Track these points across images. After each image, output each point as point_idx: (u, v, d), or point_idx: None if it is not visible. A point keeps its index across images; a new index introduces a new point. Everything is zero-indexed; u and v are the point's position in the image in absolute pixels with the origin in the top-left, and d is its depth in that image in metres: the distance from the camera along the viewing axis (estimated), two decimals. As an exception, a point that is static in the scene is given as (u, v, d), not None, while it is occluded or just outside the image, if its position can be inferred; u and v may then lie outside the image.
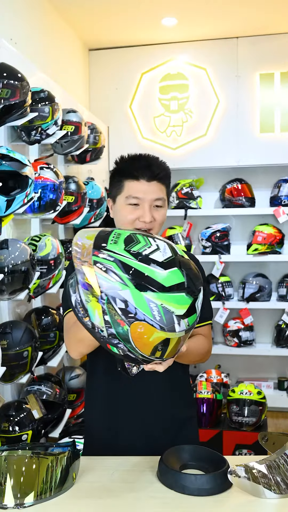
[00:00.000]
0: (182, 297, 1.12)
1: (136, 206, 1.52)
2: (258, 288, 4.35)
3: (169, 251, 1.16)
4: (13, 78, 2.28)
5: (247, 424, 3.26)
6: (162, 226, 1.60)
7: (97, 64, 4.62)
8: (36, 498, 1.25)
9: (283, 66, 4.32)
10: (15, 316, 2.67)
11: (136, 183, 1.53)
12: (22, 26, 3.21)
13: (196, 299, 1.14)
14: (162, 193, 1.55)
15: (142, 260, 1.12)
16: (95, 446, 1.62)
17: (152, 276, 1.10)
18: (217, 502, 1.25)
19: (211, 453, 1.42)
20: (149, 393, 1.57)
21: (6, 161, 2.15)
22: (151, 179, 1.52)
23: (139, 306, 1.08)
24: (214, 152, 4.44)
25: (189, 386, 1.78)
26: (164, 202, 1.57)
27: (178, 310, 1.12)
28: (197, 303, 1.16)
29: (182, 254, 1.19)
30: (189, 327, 1.15)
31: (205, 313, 1.71)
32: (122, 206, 1.54)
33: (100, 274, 1.09)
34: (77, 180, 3.19)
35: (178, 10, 3.89)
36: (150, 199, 1.52)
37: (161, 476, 1.33)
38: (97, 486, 1.33)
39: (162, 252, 1.15)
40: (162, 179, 1.55)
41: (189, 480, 1.27)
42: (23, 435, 2.28)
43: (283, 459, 1.28)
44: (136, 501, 1.26)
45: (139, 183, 1.52)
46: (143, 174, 1.52)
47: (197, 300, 1.15)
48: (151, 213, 1.51)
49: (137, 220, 1.52)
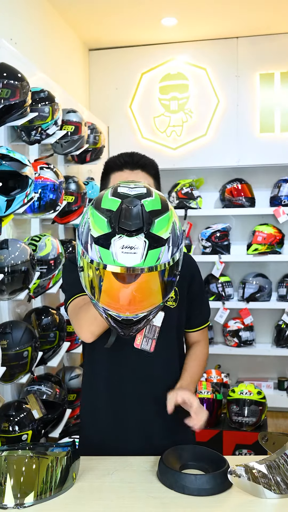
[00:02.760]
0: (102, 221, 1.15)
1: None
2: (258, 288, 4.36)
3: (142, 191, 1.19)
4: (13, 78, 2.29)
5: (247, 424, 3.26)
6: None
7: (97, 64, 4.64)
8: (36, 498, 1.25)
9: (283, 66, 4.34)
10: (15, 316, 2.68)
11: (120, 173, 1.58)
12: (22, 26, 3.23)
13: (114, 234, 1.12)
14: (147, 181, 1.57)
15: (114, 190, 1.20)
16: (93, 446, 1.61)
17: (102, 196, 1.20)
18: (217, 502, 1.25)
19: (211, 453, 1.42)
20: (149, 393, 1.58)
21: (6, 161, 2.16)
22: (134, 168, 1.57)
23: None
24: (214, 152, 4.45)
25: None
26: None
27: (94, 230, 1.15)
28: (115, 240, 1.12)
29: (154, 207, 1.18)
30: (102, 262, 1.13)
31: (205, 314, 1.74)
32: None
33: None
34: (77, 180, 3.20)
35: (178, 10, 3.91)
36: None
37: (161, 476, 1.34)
38: (97, 486, 1.34)
39: (136, 190, 1.19)
40: (146, 168, 1.60)
41: (189, 480, 1.28)
42: (23, 435, 2.28)
43: (283, 459, 1.29)
44: (136, 501, 1.26)
45: (123, 173, 1.58)
46: (125, 164, 1.58)
47: (115, 236, 1.12)
48: None
49: None
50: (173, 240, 1.16)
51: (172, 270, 1.18)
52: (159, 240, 1.13)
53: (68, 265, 1.66)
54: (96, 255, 1.13)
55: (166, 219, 1.17)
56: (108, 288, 1.18)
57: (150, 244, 1.12)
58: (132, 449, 1.52)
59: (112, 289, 1.18)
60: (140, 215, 1.13)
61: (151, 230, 1.13)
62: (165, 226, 1.15)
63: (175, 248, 1.17)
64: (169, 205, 1.22)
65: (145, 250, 1.11)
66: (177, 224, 1.20)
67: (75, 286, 1.50)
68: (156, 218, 1.15)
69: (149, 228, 1.13)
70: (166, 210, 1.19)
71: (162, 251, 1.13)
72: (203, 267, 4.24)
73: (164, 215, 1.17)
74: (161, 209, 1.17)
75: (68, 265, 1.67)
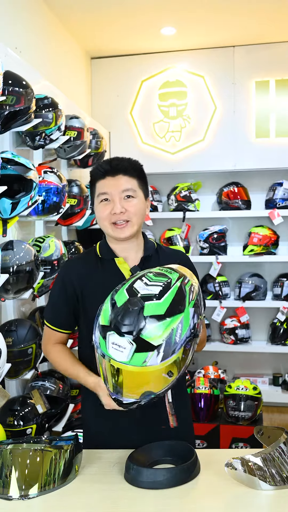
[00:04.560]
0: (107, 313, 1.24)
1: (108, 201, 1.57)
2: (253, 288, 4.39)
3: (154, 292, 1.22)
4: (18, 86, 2.30)
5: (243, 418, 3.29)
6: (143, 218, 1.62)
7: (99, 72, 4.67)
8: (40, 489, 1.28)
9: (278, 73, 4.38)
10: (20, 314, 2.69)
11: (103, 181, 1.58)
12: (27, 36, 3.25)
13: (109, 329, 1.20)
14: (130, 184, 1.57)
15: (131, 283, 1.27)
16: (96, 440, 1.63)
17: (121, 286, 1.29)
18: (215, 494, 1.28)
19: (184, 447, 1.45)
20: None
21: (11, 165, 2.18)
22: (115, 173, 1.57)
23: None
24: (212, 157, 4.49)
25: (185, 388, 1.82)
26: (136, 193, 1.59)
27: (101, 317, 1.25)
28: (109, 335, 1.20)
29: (156, 311, 1.19)
30: (106, 354, 1.21)
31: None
32: (97, 205, 1.61)
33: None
34: (79, 184, 3.21)
35: (177, 20, 3.94)
36: (118, 191, 1.56)
37: (127, 474, 1.35)
38: (98, 478, 1.36)
39: (149, 290, 1.22)
40: (128, 171, 1.58)
41: (148, 474, 1.31)
42: (27, 429, 2.30)
43: (278, 452, 1.30)
44: (136, 492, 1.28)
45: (106, 180, 1.58)
46: (107, 171, 1.58)
47: (109, 331, 1.20)
48: (121, 204, 1.55)
49: (110, 214, 1.56)
50: (166, 346, 1.17)
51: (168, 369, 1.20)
52: (147, 346, 1.17)
53: (61, 273, 1.69)
54: (97, 340, 1.25)
55: (163, 326, 1.18)
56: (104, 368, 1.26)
57: (138, 347, 1.16)
58: (135, 442, 1.50)
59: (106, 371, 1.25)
60: (134, 319, 1.17)
61: (142, 335, 1.17)
62: (158, 334, 1.17)
63: (169, 353, 1.18)
64: (178, 309, 1.20)
65: (131, 352, 1.17)
66: (179, 330, 1.19)
67: (58, 308, 1.64)
68: (151, 324, 1.17)
69: (140, 333, 1.17)
70: (170, 315, 1.19)
71: (149, 355, 1.16)
72: (201, 268, 4.34)
73: (161, 322, 1.18)
74: (163, 314, 1.18)
75: (60, 273, 1.70)
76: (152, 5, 3.66)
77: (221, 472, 1.34)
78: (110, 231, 1.59)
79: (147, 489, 1.29)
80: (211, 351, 4.42)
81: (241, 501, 1.26)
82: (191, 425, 1.77)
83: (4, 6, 2.96)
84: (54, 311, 1.68)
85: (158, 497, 1.27)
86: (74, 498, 1.28)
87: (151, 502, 1.26)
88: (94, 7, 3.64)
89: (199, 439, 3.31)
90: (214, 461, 1.44)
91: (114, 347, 1.19)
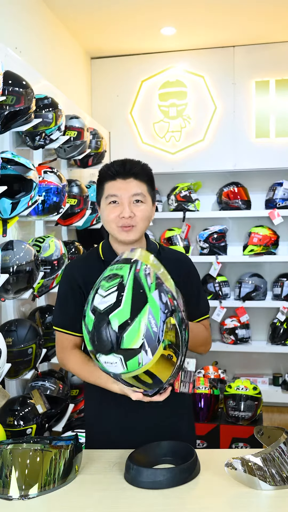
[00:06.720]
0: (87, 339, 1.27)
1: (116, 204, 1.56)
2: (253, 288, 4.40)
3: (111, 302, 1.22)
4: (18, 86, 2.30)
5: (243, 418, 3.30)
6: (149, 223, 1.62)
7: (99, 72, 4.68)
8: (40, 489, 1.28)
9: (278, 73, 4.39)
10: (20, 314, 2.68)
11: (113, 182, 1.57)
12: (27, 36, 3.25)
13: (95, 352, 1.25)
14: (140, 189, 1.57)
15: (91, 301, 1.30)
16: (99, 440, 1.63)
17: (86, 312, 1.31)
18: (215, 494, 1.28)
19: (184, 447, 1.46)
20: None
21: (11, 165, 2.18)
22: (127, 176, 1.56)
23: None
24: (212, 157, 4.49)
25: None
26: (145, 198, 1.58)
27: (87, 343, 1.28)
28: (98, 357, 1.24)
29: (122, 319, 1.20)
30: (108, 371, 1.25)
31: (202, 308, 1.76)
32: (104, 207, 1.59)
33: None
34: (79, 184, 3.21)
35: (177, 20, 3.94)
36: (128, 195, 1.55)
37: (127, 474, 1.36)
38: (98, 478, 1.37)
39: (106, 302, 1.23)
40: (139, 176, 1.58)
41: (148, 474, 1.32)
42: (27, 429, 2.29)
43: (278, 452, 1.31)
44: (136, 492, 1.29)
45: (116, 182, 1.57)
46: (118, 173, 1.56)
47: (97, 354, 1.24)
48: (130, 208, 1.55)
49: (118, 217, 1.56)
50: (149, 341, 1.18)
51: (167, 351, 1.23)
52: (132, 352, 1.19)
53: (65, 273, 1.68)
54: (96, 363, 1.28)
55: (136, 329, 1.18)
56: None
57: (125, 357, 1.19)
58: (137, 442, 1.50)
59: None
60: (107, 336, 1.19)
61: (122, 345, 1.19)
62: (134, 337, 1.18)
63: (155, 344, 1.19)
64: (142, 304, 1.20)
65: (123, 363, 1.20)
66: (153, 320, 1.19)
67: (66, 310, 1.63)
68: (124, 333, 1.18)
69: (119, 346, 1.19)
70: (136, 313, 1.19)
71: (140, 357, 1.19)
72: (201, 268, 4.34)
73: (132, 326, 1.18)
74: (130, 317, 1.19)
75: (65, 273, 1.69)
76: (152, 5, 3.66)
77: (221, 472, 1.34)
78: (117, 233, 1.59)
79: (147, 489, 1.30)
80: (211, 351, 4.20)
81: (241, 501, 1.26)
82: (193, 426, 1.77)
83: (4, 6, 2.97)
84: (63, 314, 1.66)
85: (158, 497, 1.27)
86: (74, 498, 1.28)
87: (151, 502, 1.26)
88: (94, 7, 3.65)
89: (199, 439, 3.31)
90: (214, 461, 1.44)
91: (107, 365, 1.23)
